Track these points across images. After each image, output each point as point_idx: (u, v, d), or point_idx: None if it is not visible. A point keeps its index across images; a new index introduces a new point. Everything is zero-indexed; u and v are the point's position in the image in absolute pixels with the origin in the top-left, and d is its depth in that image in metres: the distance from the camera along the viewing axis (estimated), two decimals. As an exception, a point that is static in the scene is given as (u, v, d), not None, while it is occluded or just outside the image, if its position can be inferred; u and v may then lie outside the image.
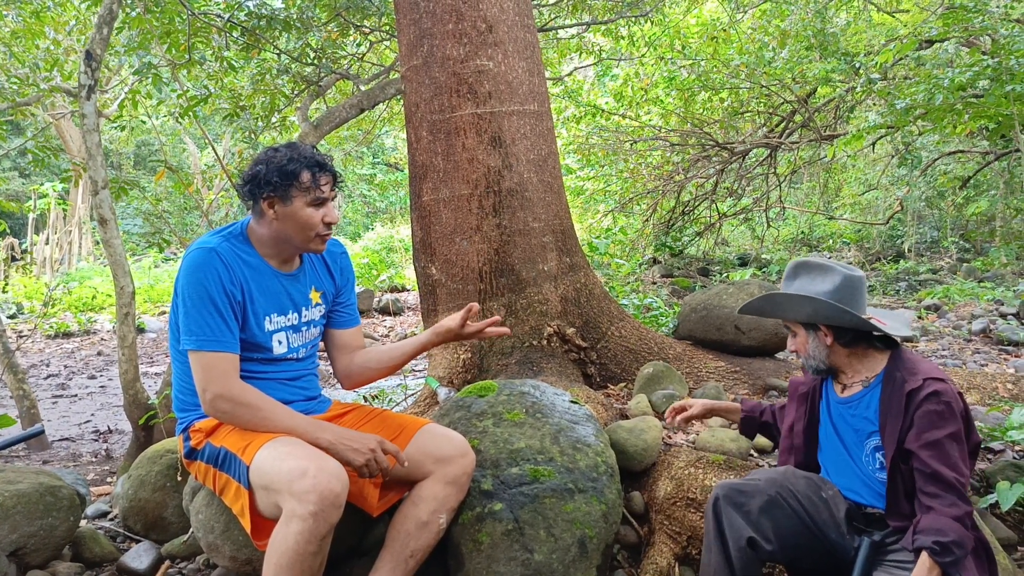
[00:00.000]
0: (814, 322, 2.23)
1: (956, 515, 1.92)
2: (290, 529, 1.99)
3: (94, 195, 4.36)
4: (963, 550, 1.90)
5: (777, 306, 2.27)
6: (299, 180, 2.25)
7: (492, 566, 2.26)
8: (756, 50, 9.62)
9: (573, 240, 4.01)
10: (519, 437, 2.55)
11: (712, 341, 4.15)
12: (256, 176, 2.25)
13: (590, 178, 11.86)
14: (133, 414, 4.53)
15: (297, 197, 2.26)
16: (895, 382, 2.12)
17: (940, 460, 1.97)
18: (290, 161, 2.25)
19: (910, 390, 2.06)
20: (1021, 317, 7.10)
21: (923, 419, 2.02)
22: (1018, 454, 3.20)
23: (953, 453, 1.98)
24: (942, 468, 1.96)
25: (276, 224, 2.30)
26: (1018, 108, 6.85)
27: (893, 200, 13.16)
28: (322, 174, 2.29)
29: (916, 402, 2.04)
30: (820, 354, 2.25)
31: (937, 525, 1.92)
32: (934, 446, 1.98)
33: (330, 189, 2.31)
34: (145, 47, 6.09)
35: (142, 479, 2.92)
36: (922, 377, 2.07)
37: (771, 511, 2.15)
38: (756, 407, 2.63)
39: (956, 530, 1.90)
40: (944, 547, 1.88)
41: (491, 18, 3.75)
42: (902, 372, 2.13)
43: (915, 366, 2.13)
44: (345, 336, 2.61)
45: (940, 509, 1.94)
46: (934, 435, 1.99)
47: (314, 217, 2.29)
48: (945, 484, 1.95)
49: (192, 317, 2.21)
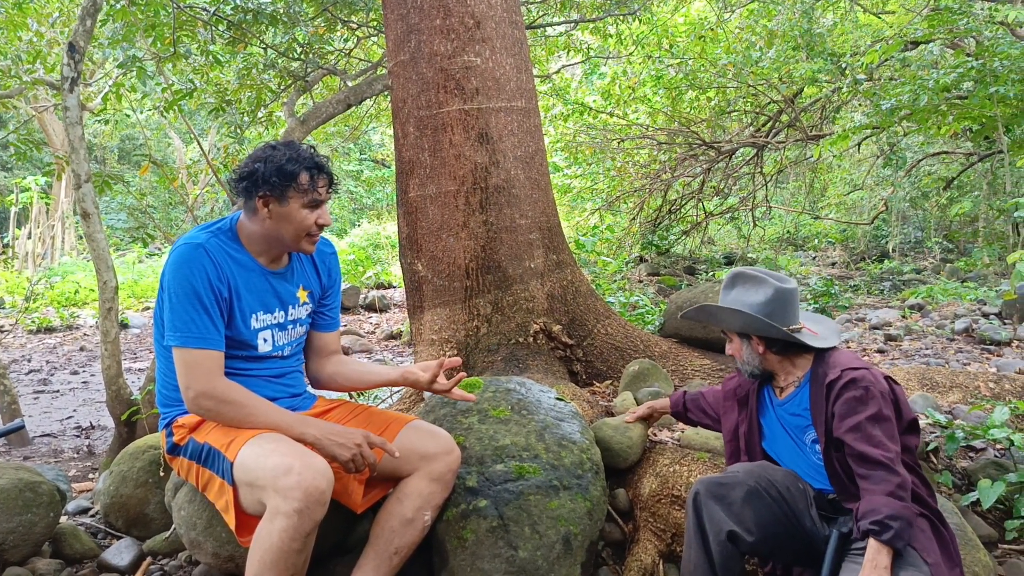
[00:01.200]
0: (744, 330, 2.34)
1: (887, 490, 1.99)
2: (274, 526, 1.98)
3: (77, 189, 4.32)
4: (901, 521, 1.95)
5: (711, 316, 2.40)
6: (297, 181, 2.23)
7: (476, 563, 2.26)
8: (743, 50, 9.65)
9: (560, 237, 4.01)
10: (504, 434, 2.55)
11: (697, 339, 4.16)
12: (254, 174, 2.23)
13: (577, 176, 11.87)
14: (116, 410, 4.50)
15: (293, 198, 2.24)
16: (818, 378, 2.25)
17: (864, 441, 2.06)
18: (289, 161, 2.22)
19: (829, 381, 2.18)
20: (1003, 317, 7.17)
21: (843, 406, 2.13)
22: (999, 452, 3.23)
23: (876, 432, 2.07)
24: (866, 448, 2.05)
25: (269, 223, 2.28)
26: (1001, 110, 6.91)
27: (878, 200, 13.24)
28: (320, 176, 2.27)
29: (835, 391, 2.16)
30: (754, 360, 2.37)
31: (871, 506, 1.99)
32: (856, 429, 2.08)
33: (327, 191, 2.30)
34: (130, 40, 6.04)
35: (124, 475, 2.89)
36: (839, 368, 2.18)
37: (752, 501, 2.17)
38: (678, 402, 2.77)
39: (888, 504, 1.97)
40: (881, 524, 1.95)
41: (479, 14, 3.74)
42: (823, 367, 2.25)
43: (836, 359, 2.25)
44: (322, 339, 2.60)
45: (871, 489, 2.02)
46: (855, 419, 2.09)
47: (308, 219, 2.27)
48: (872, 463, 2.03)
49: (177, 313, 2.19)
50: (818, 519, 2.22)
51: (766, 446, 2.44)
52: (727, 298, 2.36)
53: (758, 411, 2.46)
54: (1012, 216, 5.44)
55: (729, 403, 2.54)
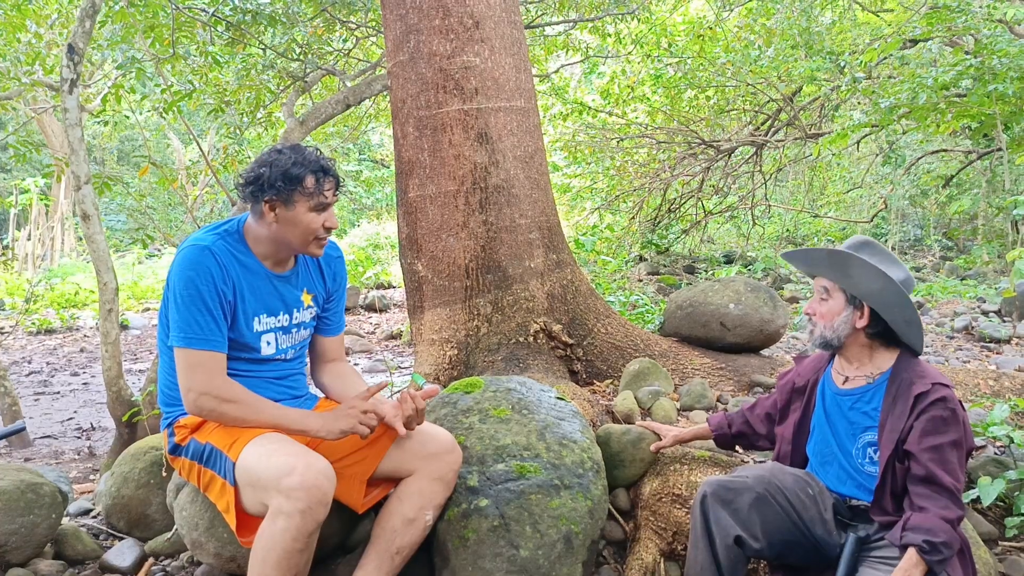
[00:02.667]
0: (865, 298, 2.16)
1: (948, 517, 1.94)
2: (277, 526, 1.98)
3: (76, 190, 4.32)
4: (951, 551, 1.92)
5: (841, 265, 2.15)
6: (303, 185, 2.22)
7: (478, 562, 2.26)
8: (742, 48, 9.66)
9: (559, 237, 4.02)
10: (505, 433, 2.55)
11: (698, 338, 4.16)
12: (260, 178, 2.22)
13: (577, 175, 11.88)
14: (116, 411, 4.49)
15: (300, 202, 2.24)
16: (902, 382, 2.12)
17: (939, 464, 1.99)
18: (295, 165, 2.22)
19: (919, 393, 2.06)
20: (1002, 314, 7.17)
21: (928, 423, 2.02)
22: (999, 450, 3.23)
23: (953, 459, 2.01)
24: (940, 472, 1.98)
25: (276, 227, 2.28)
26: (1000, 107, 6.92)
27: (877, 198, 13.26)
28: (326, 179, 2.26)
29: (923, 406, 2.04)
30: (843, 331, 2.18)
31: (928, 524, 1.93)
32: (936, 450, 2.00)
33: (333, 194, 2.29)
34: (128, 41, 6.04)
35: (125, 476, 2.89)
36: (931, 381, 2.07)
37: (760, 508, 2.15)
38: (722, 422, 2.60)
39: (946, 531, 1.92)
40: (933, 546, 1.90)
41: (478, 14, 3.74)
42: (910, 374, 2.13)
43: (924, 369, 2.14)
44: (324, 345, 2.60)
45: (932, 510, 1.95)
46: (937, 439, 2.01)
47: (315, 222, 2.27)
48: (941, 488, 1.97)
49: (182, 314, 2.19)
50: (833, 525, 2.17)
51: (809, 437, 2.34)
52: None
53: (814, 398, 2.33)
54: (1011, 214, 5.45)
55: (787, 396, 2.41)
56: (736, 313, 4.05)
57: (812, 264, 2.24)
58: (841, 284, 2.18)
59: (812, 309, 2.24)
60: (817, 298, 2.24)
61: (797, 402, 2.37)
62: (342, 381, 2.56)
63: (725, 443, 2.66)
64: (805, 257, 2.24)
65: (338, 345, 2.64)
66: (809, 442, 2.34)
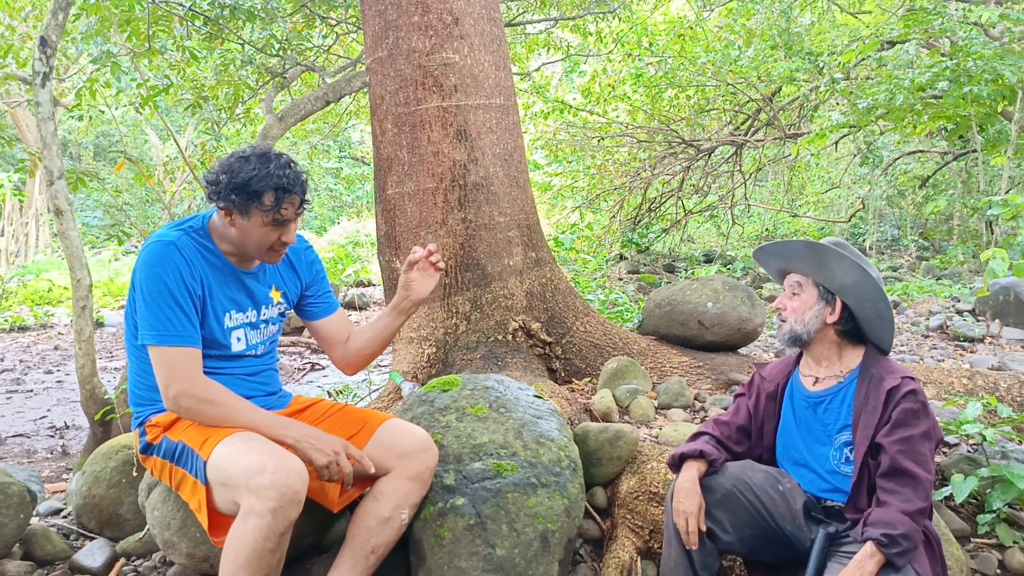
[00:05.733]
0: (840, 291, 2.16)
1: (909, 510, 1.95)
2: (248, 526, 1.96)
3: (50, 186, 4.26)
4: (911, 542, 1.92)
5: (818, 257, 2.15)
6: (261, 201, 2.16)
7: (454, 561, 2.25)
8: (722, 48, 9.71)
9: (539, 235, 4.01)
10: (482, 432, 2.54)
11: (676, 336, 4.17)
12: (218, 184, 2.18)
13: (557, 174, 11.89)
14: (90, 409, 4.44)
15: (256, 215, 2.18)
16: (872, 379, 2.13)
17: (910, 457, 2.00)
18: (255, 179, 2.14)
19: (890, 388, 2.07)
20: (976, 314, 7.26)
21: (900, 415, 2.04)
22: (972, 448, 3.27)
23: (924, 450, 2.02)
24: (911, 465, 1.99)
25: (232, 231, 2.25)
26: (975, 109, 7.00)
27: (855, 198, 13.39)
28: (287, 197, 2.18)
29: (896, 400, 2.05)
30: (813, 326, 2.18)
31: (887, 518, 1.94)
32: (906, 442, 2.01)
33: (293, 212, 2.22)
34: (104, 35, 5.96)
35: (96, 475, 2.85)
36: (900, 375, 2.09)
37: (728, 504, 2.16)
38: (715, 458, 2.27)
39: (906, 524, 1.93)
40: (892, 539, 1.91)
41: (457, 11, 3.73)
42: (879, 370, 2.14)
43: (891, 365, 2.15)
44: (330, 326, 2.58)
45: (894, 503, 1.96)
46: (908, 432, 2.02)
47: (269, 236, 2.22)
48: (908, 478, 1.98)
49: (152, 311, 2.15)
50: (803, 521, 2.16)
51: (776, 442, 2.34)
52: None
53: (781, 404, 2.31)
54: (986, 214, 5.51)
55: (755, 400, 2.36)
56: (714, 312, 4.07)
57: (788, 257, 2.23)
58: (816, 277, 2.18)
59: (782, 304, 2.24)
60: (788, 293, 2.23)
61: (770, 408, 2.36)
62: (363, 336, 2.55)
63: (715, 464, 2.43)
64: (783, 249, 2.23)
65: (342, 321, 2.61)
66: (779, 447, 2.34)
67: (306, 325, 2.64)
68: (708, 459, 2.24)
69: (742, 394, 2.45)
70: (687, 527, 2.14)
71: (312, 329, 2.62)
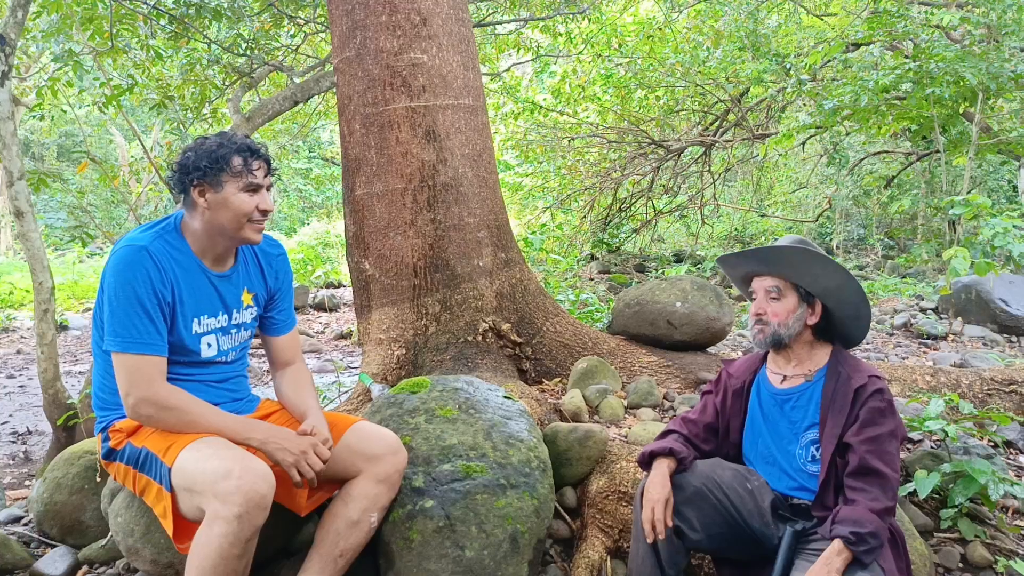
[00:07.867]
0: (823, 294, 2.19)
1: (876, 508, 1.97)
2: (213, 531, 1.93)
3: (10, 187, 4.17)
4: (878, 540, 1.95)
5: (803, 262, 2.17)
6: (230, 165, 2.17)
7: (423, 564, 2.24)
8: (691, 49, 9.79)
9: (508, 235, 4.01)
10: (452, 433, 2.53)
11: (645, 336, 4.19)
12: (185, 164, 2.18)
13: (528, 174, 11.90)
14: (53, 414, 4.36)
15: (228, 182, 2.18)
16: (839, 377, 2.15)
17: (878, 456, 2.02)
18: (219, 147, 2.18)
19: (858, 386, 2.10)
20: (939, 312, 7.39)
21: (867, 414, 2.06)
22: (935, 444, 3.32)
23: (891, 448, 2.05)
24: (879, 464, 2.01)
25: (208, 214, 2.21)
26: (938, 110, 7.13)
27: (822, 198, 13.57)
28: (254, 159, 2.21)
29: (863, 399, 2.08)
30: (794, 328, 2.20)
31: (855, 516, 1.96)
32: (874, 441, 2.03)
33: (264, 175, 2.24)
34: (66, 33, 5.86)
35: (58, 482, 2.80)
36: (867, 374, 2.12)
37: (696, 502, 2.18)
38: (685, 456, 2.28)
39: (873, 521, 1.95)
40: (860, 537, 1.93)
41: (425, 11, 3.71)
42: (846, 368, 2.16)
43: (858, 363, 2.18)
44: (275, 344, 2.53)
45: (861, 502, 1.99)
46: (876, 430, 2.04)
47: (247, 203, 2.20)
48: (876, 476, 2.01)
49: (118, 317, 2.12)
50: (771, 519, 2.18)
51: (744, 438, 2.35)
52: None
53: (747, 401, 2.35)
54: (948, 214, 5.61)
55: (722, 397, 2.39)
56: (683, 311, 4.09)
57: (770, 262, 2.23)
58: (800, 281, 2.20)
59: (763, 308, 2.24)
60: (766, 297, 2.24)
61: (736, 405, 2.38)
62: (295, 390, 2.45)
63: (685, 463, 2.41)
64: (763, 256, 2.23)
65: (289, 345, 2.55)
66: (746, 444, 2.36)
67: (259, 334, 2.60)
68: (678, 457, 2.26)
69: (709, 391, 2.47)
70: (653, 516, 2.14)
71: (262, 340, 2.57)
